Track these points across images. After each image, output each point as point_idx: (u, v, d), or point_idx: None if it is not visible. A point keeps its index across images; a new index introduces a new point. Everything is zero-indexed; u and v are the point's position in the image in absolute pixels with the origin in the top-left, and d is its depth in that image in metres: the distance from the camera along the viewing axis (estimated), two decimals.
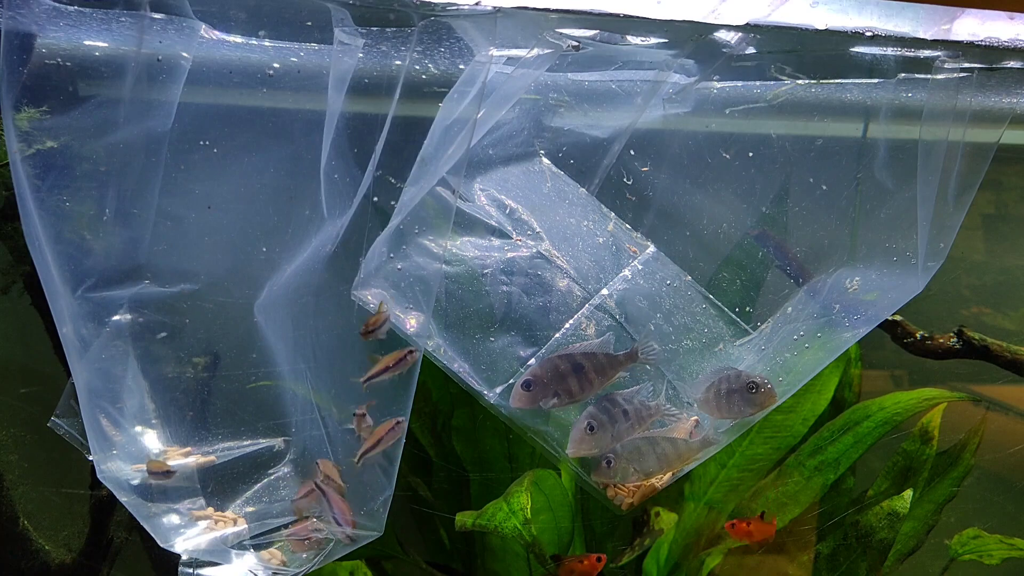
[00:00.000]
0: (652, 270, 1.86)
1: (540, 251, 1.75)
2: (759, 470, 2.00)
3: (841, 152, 1.90)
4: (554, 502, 1.82)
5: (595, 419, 1.60)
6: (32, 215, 1.35)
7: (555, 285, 1.74)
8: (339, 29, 1.45)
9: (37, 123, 1.35)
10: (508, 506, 1.68)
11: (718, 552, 2.01)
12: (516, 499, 1.68)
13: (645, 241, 1.88)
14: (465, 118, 1.50)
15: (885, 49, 1.67)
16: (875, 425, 2.00)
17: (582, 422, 1.60)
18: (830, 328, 1.74)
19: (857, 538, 1.99)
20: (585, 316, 1.75)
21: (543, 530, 1.80)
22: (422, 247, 1.62)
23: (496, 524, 1.64)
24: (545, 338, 1.70)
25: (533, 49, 1.55)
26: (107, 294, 1.46)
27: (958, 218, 1.67)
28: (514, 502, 1.68)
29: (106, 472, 1.46)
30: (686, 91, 1.86)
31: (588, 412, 1.61)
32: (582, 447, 1.61)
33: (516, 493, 1.70)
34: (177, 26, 1.40)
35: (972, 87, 1.69)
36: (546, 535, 1.81)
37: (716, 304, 1.88)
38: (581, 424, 1.60)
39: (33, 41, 1.36)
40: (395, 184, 1.56)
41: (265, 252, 1.58)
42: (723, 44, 1.65)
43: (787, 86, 1.87)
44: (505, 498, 1.71)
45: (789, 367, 1.74)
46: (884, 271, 1.76)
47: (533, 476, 1.76)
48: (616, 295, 1.79)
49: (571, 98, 1.85)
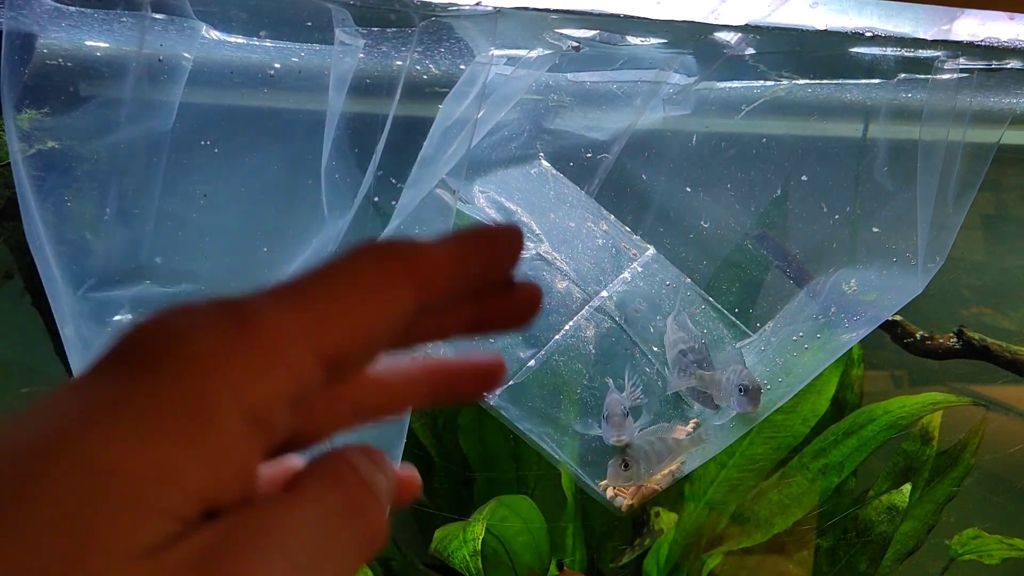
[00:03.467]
0: (652, 272, 1.86)
1: (540, 253, 1.75)
2: (759, 470, 2.00)
3: (841, 152, 1.90)
4: (532, 525, 1.83)
5: (630, 456, 1.61)
6: (34, 215, 1.35)
7: (554, 287, 1.74)
8: (340, 29, 1.45)
9: (38, 123, 1.35)
10: (463, 534, 1.65)
11: (718, 552, 2.01)
12: (472, 528, 1.66)
13: (644, 243, 1.88)
14: (465, 119, 1.51)
15: (885, 49, 1.67)
16: (880, 429, 2.00)
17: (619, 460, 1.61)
18: (830, 329, 1.75)
19: (857, 532, 2.00)
20: (585, 318, 1.75)
21: (523, 552, 1.81)
22: None
23: (449, 552, 1.62)
24: (545, 339, 1.70)
25: (533, 50, 1.55)
26: (109, 294, 1.46)
27: (958, 219, 1.67)
28: (469, 531, 1.65)
29: None
30: (686, 92, 1.86)
31: (625, 451, 1.62)
32: (616, 480, 1.63)
33: (474, 522, 1.69)
34: (178, 26, 1.40)
35: (972, 87, 1.69)
36: (527, 555, 1.82)
37: (715, 306, 1.88)
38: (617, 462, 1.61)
39: (34, 41, 1.36)
40: (396, 184, 1.56)
41: (266, 252, 1.58)
42: (723, 45, 1.65)
43: (787, 86, 1.88)
44: (464, 525, 1.69)
45: (789, 368, 1.74)
46: (884, 272, 1.76)
47: (500, 502, 1.76)
48: (616, 297, 1.79)
49: (571, 99, 1.85)
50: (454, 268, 0.38)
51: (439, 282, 0.37)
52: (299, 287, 0.35)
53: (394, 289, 0.36)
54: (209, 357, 0.31)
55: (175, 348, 0.31)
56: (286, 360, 0.32)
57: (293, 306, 0.34)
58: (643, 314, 1.79)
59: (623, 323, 1.76)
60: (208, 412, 0.30)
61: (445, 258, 0.37)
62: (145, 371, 0.30)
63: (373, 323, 0.35)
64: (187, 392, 0.30)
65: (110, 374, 0.31)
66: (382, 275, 0.36)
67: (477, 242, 0.39)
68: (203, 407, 0.30)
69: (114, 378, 0.31)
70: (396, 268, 0.36)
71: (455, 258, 0.38)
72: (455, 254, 0.38)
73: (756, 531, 1.97)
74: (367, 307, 0.35)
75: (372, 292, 0.35)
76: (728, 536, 1.97)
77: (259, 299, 0.34)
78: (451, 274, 0.38)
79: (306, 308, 0.34)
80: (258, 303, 0.34)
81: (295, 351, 0.33)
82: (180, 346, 0.31)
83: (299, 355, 0.33)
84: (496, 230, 0.40)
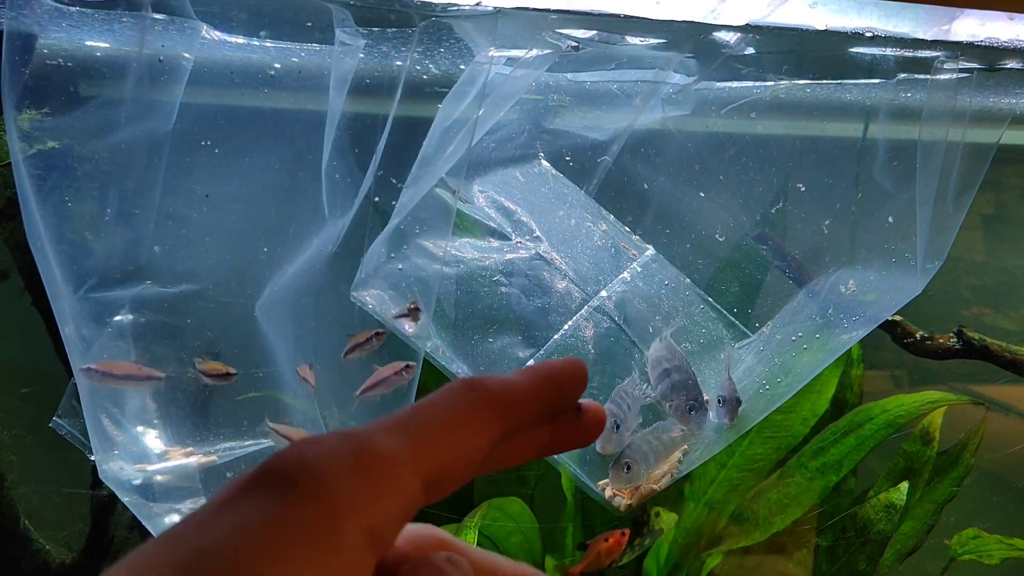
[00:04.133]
0: (651, 272, 1.86)
1: (539, 253, 1.75)
2: (759, 470, 2.00)
3: (841, 152, 1.90)
4: (523, 526, 1.83)
5: (630, 458, 1.62)
6: (34, 215, 1.35)
7: (554, 287, 1.74)
8: (340, 30, 1.45)
9: (39, 123, 1.35)
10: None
11: (718, 552, 2.01)
12: (464, 537, 1.67)
13: (644, 243, 1.88)
14: (465, 118, 1.51)
15: (885, 49, 1.67)
16: (878, 427, 2.00)
17: (620, 463, 1.61)
18: (829, 329, 1.74)
19: (856, 531, 2.00)
20: (584, 318, 1.75)
21: (516, 552, 1.83)
22: (422, 248, 1.62)
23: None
24: (544, 339, 1.70)
25: (533, 50, 1.56)
26: (109, 294, 1.47)
27: (958, 219, 1.67)
28: (461, 537, 1.65)
29: (108, 472, 1.46)
30: (685, 92, 1.86)
31: (625, 453, 1.62)
32: (620, 483, 1.63)
33: (466, 529, 1.70)
34: (179, 27, 1.40)
35: (972, 87, 1.69)
36: (521, 555, 1.82)
37: (715, 306, 1.88)
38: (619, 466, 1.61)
39: (35, 42, 1.36)
40: (396, 184, 1.56)
41: (266, 252, 1.58)
42: (722, 44, 1.65)
43: (786, 86, 1.88)
44: (456, 530, 1.70)
45: (788, 368, 1.74)
46: (883, 272, 1.76)
47: (491, 505, 1.76)
48: (615, 297, 1.79)
49: (571, 99, 1.85)
50: (533, 402, 0.45)
51: (520, 415, 0.44)
52: (406, 421, 0.41)
53: (483, 422, 0.42)
54: (337, 481, 0.37)
55: (310, 474, 0.36)
56: (398, 485, 0.38)
57: (402, 437, 0.40)
58: (642, 314, 1.79)
59: (622, 323, 1.76)
60: (336, 530, 0.36)
61: (525, 393, 0.44)
62: (285, 494, 0.36)
63: (466, 451, 0.42)
64: (319, 513, 0.36)
65: (256, 495, 0.36)
66: (473, 411, 0.42)
67: (552, 378, 0.46)
68: (333, 526, 0.36)
69: (260, 500, 0.36)
70: (484, 404, 0.43)
71: (534, 393, 0.45)
72: (534, 389, 0.45)
73: (755, 530, 1.97)
74: (461, 438, 0.41)
75: (465, 425, 0.42)
76: (727, 535, 1.98)
77: (374, 430, 0.40)
78: (530, 408, 0.45)
79: (412, 439, 0.40)
80: (373, 434, 0.39)
81: (405, 477, 0.39)
82: (313, 472, 0.37)
83: (408, 480, 0.39)
84: (566, 367, 0.47)
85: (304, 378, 1.55)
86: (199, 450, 1.58)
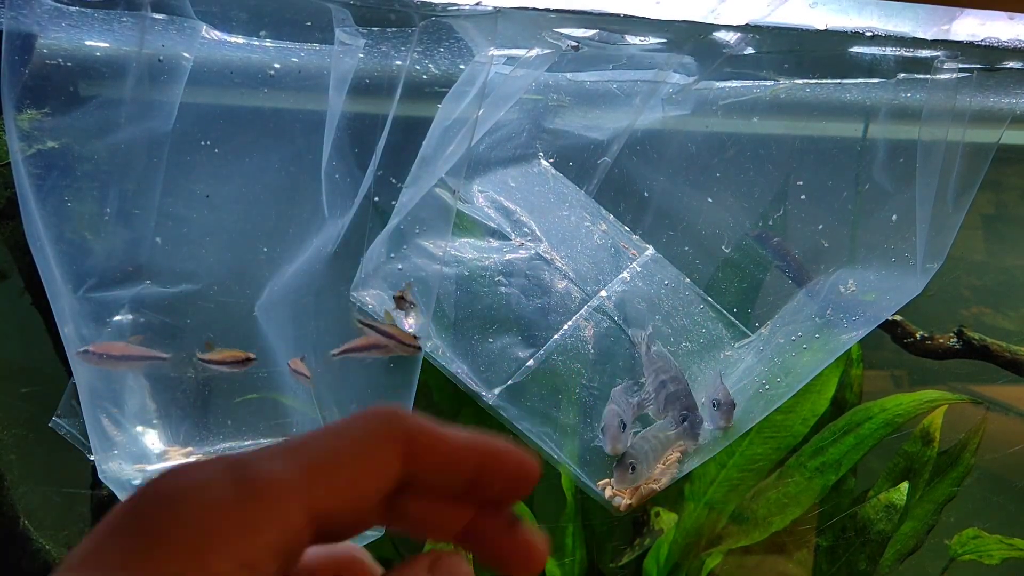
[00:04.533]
0: (651, 272, 1.86)
1: (539, 252, 1.75)
2: (759, 470, 2.00)
3: (841, 152, 1.90)
4: None
5: (634, 458, 1.62)
6: (34, 215, 1.35)
7: (554, 287, 1.74)
8: (340, 29, 1.45)
9: (38, 123, 1.35)
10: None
11: (718, 552, 2.01)
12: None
13: (644, 243, 1.88)
14: (465, 118, 1.51)
15: (885, 49, 1.67)
16: (877, 426, 2.00)
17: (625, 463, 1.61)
18: (829, 329, 1.75)
19: (856, 531, 2.00)
20: (584, 318, 1.75)
21: None
22: (421, 248, 1.62)
23: None
24: (544, 339, 1.70)
25: (533, 49, 1.56)
26: (109, 294, 1.47)
27: (957, 219, 1.67)
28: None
29: (108, 472, 1.46)
30: (685, 92, 1.86)
31: (628, 453, 1.61)
32: (625, 484, 1.63)
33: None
34: (178, 26, 1.40)
35: (972, 87, 1.69)
36: None
37: (715, 306, 1.88)
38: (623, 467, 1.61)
39: (34, 41, 1.36)
40: (396, 184, 1.56)
41: (266, 252, 1.58)
42: (722, 44, 1.65)
43: (786, 86, 1.88)
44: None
45: (788, 368, 1.74)
46: (883, 272, 1.76)
47: None
48: (615, 297, 1.79)
49: (571, 99, 1.85)
50: (445, 456, 0.41)
51: (429, 464, 0.40)
52: (299, 446, 0.38)
53: (384, 455, 0.39)
54: (205, 514, 0.35)
55: (177, 513, 0.35)
56: (278, 514, 0.36)
57: (289, 463, 0.37)
58: (642, 314, 1.79)
59: (622, 323, 1.76)
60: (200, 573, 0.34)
61: (441, 443, 0.40)
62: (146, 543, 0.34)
63: (362, 485, 0.39)
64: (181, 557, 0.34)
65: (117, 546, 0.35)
66: (376, 440, 0.39)
67: (483, 450, 0.42)
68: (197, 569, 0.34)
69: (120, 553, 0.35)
70: (389, 436, 0.39)
71: (453, 449, 0.41)
72: (455, 446, 0.41)
73: (755, 530, 1.97)
74: (357, 468, 0.38)
75: (364, 456, 0.39)
76: (727, 535, 1.98)
77: (262, 455, 0.38)
78: (440, 460, 0.41)
79: (302, 466, 0.37)
80: (260, 460, 0.37)
81: (286, 506, 0.37)
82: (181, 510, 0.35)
83: (290, 510, 0.37)
84: (507, 450, 0.43)
85: (297, 371, 1.53)
86: (198, 450, 1.58)
